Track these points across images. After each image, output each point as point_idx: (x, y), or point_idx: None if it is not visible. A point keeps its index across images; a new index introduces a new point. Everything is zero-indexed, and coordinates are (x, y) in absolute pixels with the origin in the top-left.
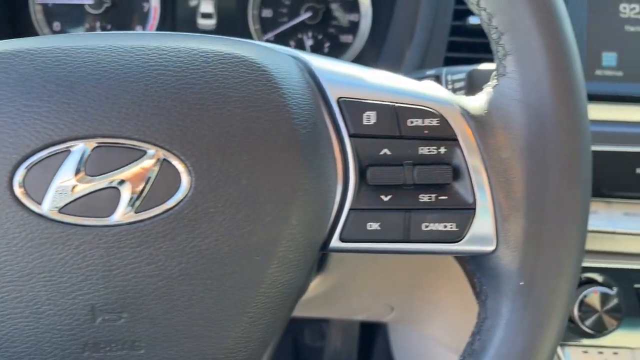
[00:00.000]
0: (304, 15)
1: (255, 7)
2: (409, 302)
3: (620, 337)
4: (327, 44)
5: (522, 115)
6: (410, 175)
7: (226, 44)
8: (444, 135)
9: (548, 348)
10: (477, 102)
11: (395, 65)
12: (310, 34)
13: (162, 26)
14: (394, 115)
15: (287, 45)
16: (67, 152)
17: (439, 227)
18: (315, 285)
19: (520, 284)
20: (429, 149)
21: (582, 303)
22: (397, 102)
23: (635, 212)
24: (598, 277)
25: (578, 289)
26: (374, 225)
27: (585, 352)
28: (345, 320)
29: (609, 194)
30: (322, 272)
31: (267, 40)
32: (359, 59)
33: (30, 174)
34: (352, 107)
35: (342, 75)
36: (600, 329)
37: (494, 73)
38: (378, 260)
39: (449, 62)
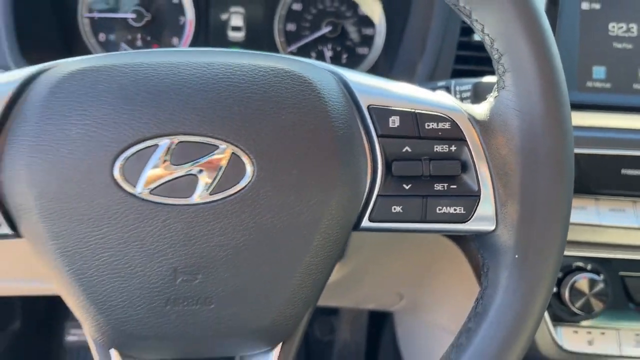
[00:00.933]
0: (325, 30)
1: (280, 22)
2: (418, 290)
3: (607, 318)
4: (344, 55)
5: (517, 121)
6: (427, 168)
7: (279, 61)
8: (455, 136)
9: (538, 311)
10: (481, 110)
11: (407, 75)
12: (329, 46)
13: (196, 38)
14: (414, 120)
15: (309, 56)
16: (156, 146)
17: (450, 210)
18: (335, 271)
19: (515, 257)
20: (442, 147)
21: (572, 287)
22: (416, 109)
23: (620, 207)
24: (587, 265)
25: (569, 275)
26: (397, 209)
27: (576, 332)
28: (354, 313)
29: (596, 192)
30: (340, 260)
31: (291, 52)
32: (374, 70)
33: (127, 163)
34: (380, 113)
35: (371, 86)
36: (588, 310)
37: (495, 86)
38: (390, 249)
39: (456, 73)
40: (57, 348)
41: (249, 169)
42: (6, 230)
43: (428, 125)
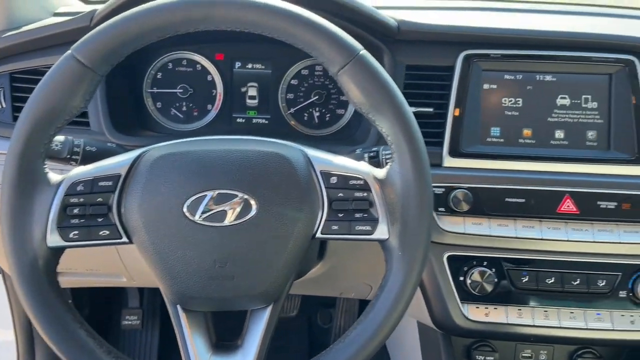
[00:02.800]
0: (314, 98)
1: (282, 92)
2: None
3: (498, 299)
4: (327, 115)
5: (399, 180)
6: (351, 205)
7: (269, 145)
8: (365, 188)
9: (413, 283)
10: (381, 172)
11: (365, 134)
12: (317, 109)
13: (224, 104)
14: (345, 179)
15: (303, 116)
16: (206, 195)
17: (363, 228)
18: (317, 269)
19: (399, 253)
20: (359, 193)
21: (471, 277)
22: (346, 173)
23: (504, 223)
24: (482, 262)
25: (470, 269)
26: (334, 227)
27: (477, 307)
28: (347, 306)
29: (489, 213)
30: (322, 259)
31: (290, 113)
32: (348, 125)
33: (191, 204)
34: (326, 174)
35: (323, 159)
36: (483, 292)
37: (389, 159)
38: (356, 252)
39: None
40: (116, 331)
41: (254, 207)
42: (126, 240)
43: (351, 181)
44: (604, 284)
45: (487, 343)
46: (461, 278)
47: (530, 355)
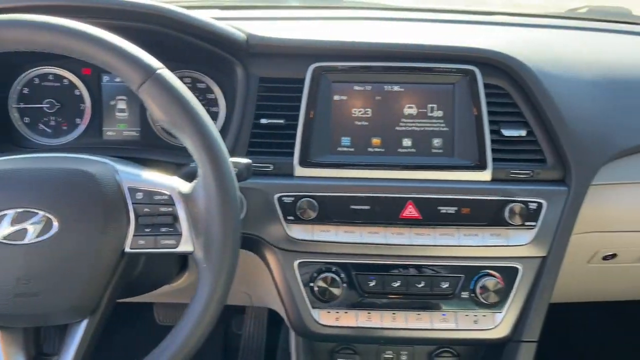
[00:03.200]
0: None
1: None
2: (258, 290)
3: (349, 304)
4: None
5: (202, 194)
6: (157, 219)
7: (76, 162)
8: (170, 202)
9: (220, 292)
10: (187, 187)
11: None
12: None
13: (93, 118)
14: (150, 194)
15: None
16: (5, 214)
17: (168, 242)
18: (184, 279)
19: (204, 266)
20: (164, 208)
21: (317, 284)
22: (152, 188)
23: (350, 230)
24: (331, 268)
25: (318, 275)
26: (141, 242)
27: (329, 312)
28: (256, 312)
29: (335, 221)
30: (187, 270)
31: (159, 125)
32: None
33: None
34: (133, 190)
35: (131, 173)
36: (330, 297)
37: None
38: None
39: (254, 145)
40: None
41: (55, 224)
42: None
43: (156, 197)
44: (447, 286)
45: (349, 346)
46: (312, 284)
47: (391, 356)
